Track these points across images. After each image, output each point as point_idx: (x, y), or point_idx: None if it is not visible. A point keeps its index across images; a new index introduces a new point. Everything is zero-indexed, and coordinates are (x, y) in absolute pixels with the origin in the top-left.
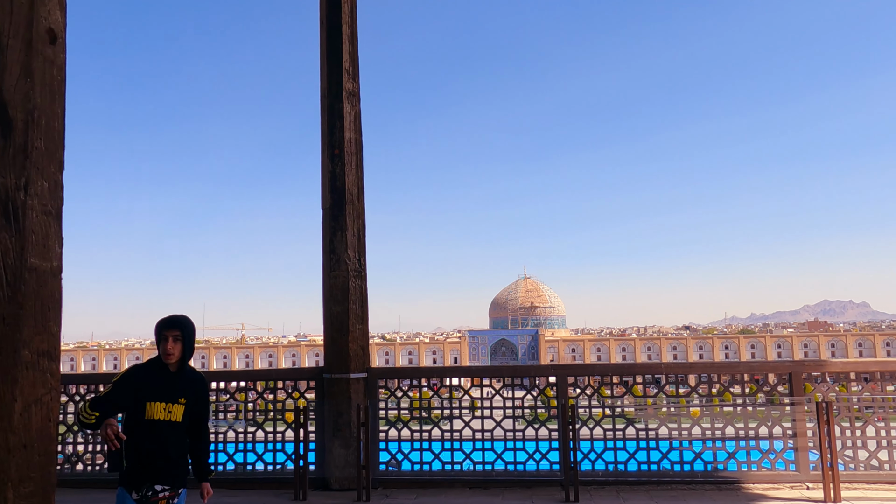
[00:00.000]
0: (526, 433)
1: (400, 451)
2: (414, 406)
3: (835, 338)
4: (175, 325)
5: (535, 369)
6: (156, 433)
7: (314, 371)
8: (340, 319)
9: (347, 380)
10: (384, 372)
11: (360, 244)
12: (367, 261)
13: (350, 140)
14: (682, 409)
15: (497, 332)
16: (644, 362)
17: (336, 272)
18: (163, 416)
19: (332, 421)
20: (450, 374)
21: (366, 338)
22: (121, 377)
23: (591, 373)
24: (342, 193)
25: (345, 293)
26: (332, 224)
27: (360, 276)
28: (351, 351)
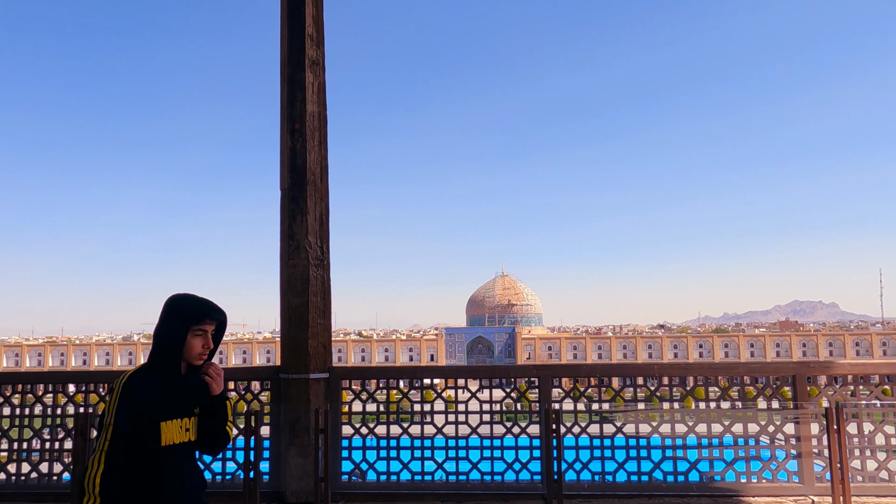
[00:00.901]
0: (505, 441)
1: (365, 460)
2: (381, 410)
3: (806, 337)
4: (220, 313)
5: (516, 370)
6: (173, 463)
7: (269, 370)
8: (299, 313)
9: (306, 380)
10: (348, 372)
11: (322, 230)
12: (330, 248)
13: (313, 114)
14: (676, 414)
15: (474, 329)
16: (636, 363)
17: (295, 260)
18: (180, 438)
19: (288, 426)
20: (421, 375)
21: (328, 334)
22: (120, 399)
23: (577, 374)
24: (303, 173)
25: (304, 284)
26: (292, 207)
27: (323, 266)
28: (311, 348)
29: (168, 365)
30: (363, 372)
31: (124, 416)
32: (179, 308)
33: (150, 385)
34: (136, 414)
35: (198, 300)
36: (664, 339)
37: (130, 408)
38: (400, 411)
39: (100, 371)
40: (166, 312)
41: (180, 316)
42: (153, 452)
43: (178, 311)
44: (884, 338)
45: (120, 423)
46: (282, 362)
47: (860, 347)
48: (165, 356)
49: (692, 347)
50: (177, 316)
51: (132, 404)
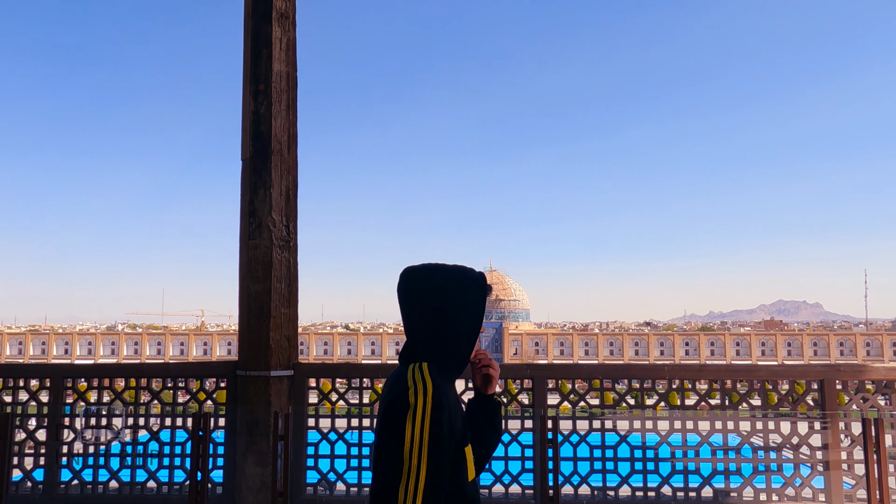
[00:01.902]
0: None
1: (333, 470)
2: (353, 413)
3: (791, 337)
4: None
5: (507, 370)
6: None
7: (225, 366)
8: (260, 301)
9: (266, 378)
10: (315, 369)
11: (289, 206)
12: (298, 228)
13: (280, 73)
14: (688, 422)
15: None
16: (643, 364)
17: (256, 241)
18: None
19: (245, 431)
20: None
21: (293, 326)
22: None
23: (577, 375)
24: (267, 141)
25: (267, 268)
26: (254, 179)
27: (289, 247)
28: (272, 342)
29: (462, 364)
30: (333, 369)
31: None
32: (477, 283)
33: (453, 396)
34: (451, 437)
35: (478, 272)
36: (651, 336)
37: (449, 426)
38: (374, 415)
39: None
40: (458, 289)
41: (479, 294)
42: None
43: (475, 287)
44: (867, 338)
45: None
46: (239, 357)
47: (844, 348)
48: (464, 352)
49: (678, 345)
50: (474, 294)
51: (447, 423)
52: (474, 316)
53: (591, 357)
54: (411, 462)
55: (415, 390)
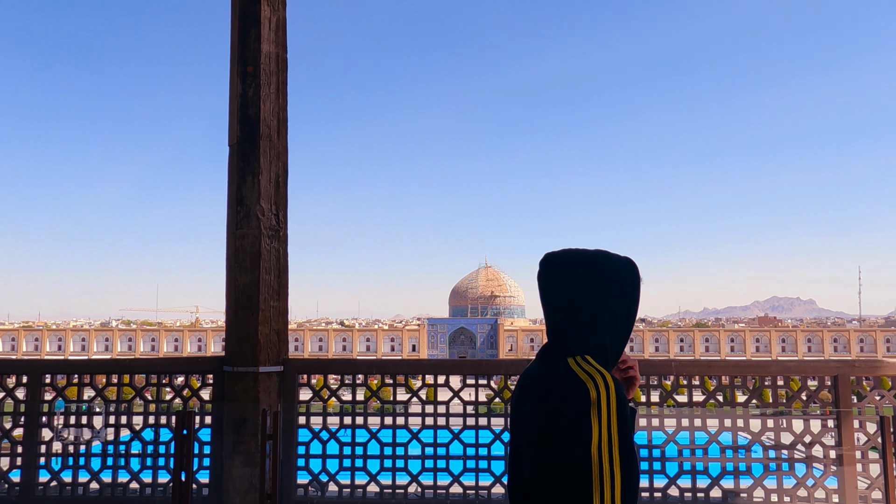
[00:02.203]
0: (493, 449)
1: (325, 470)
2: (345, 411)
3: (785, 333)
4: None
5: (507, 365)
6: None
7: (211, 362)
8: (248, 294)
9: (255, 375)
10: (306, 365)
11: (278, 194)
12: (288, 217)
13: (269, 54)
14: (696, 420)
15: (456, 320)
16: (647, 358)
17: (244, 230)
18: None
19: (232, 430)
20: (395, 370)
21: (283, 319)
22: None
23: None
24: (255, 125)
25: (255, 259)
26: (241, 166)
27: (278, 237)
28: (261, 336)
29: (616, 359)
30: (325, 365)
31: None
32: (632, 270)
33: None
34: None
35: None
36: (645, 332)
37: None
38: (368, 413)
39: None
40: (614, 276)
41: (634, 281)
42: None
43: (631, 274)
44: (861, 334)
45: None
46: (226, 352)
47: (838, 344)
48: (619, 346)
49: (673, 341)
50: (630, 281)
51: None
52: (630, 306)
53: None
54: (602, 465)
55: (594, 383)
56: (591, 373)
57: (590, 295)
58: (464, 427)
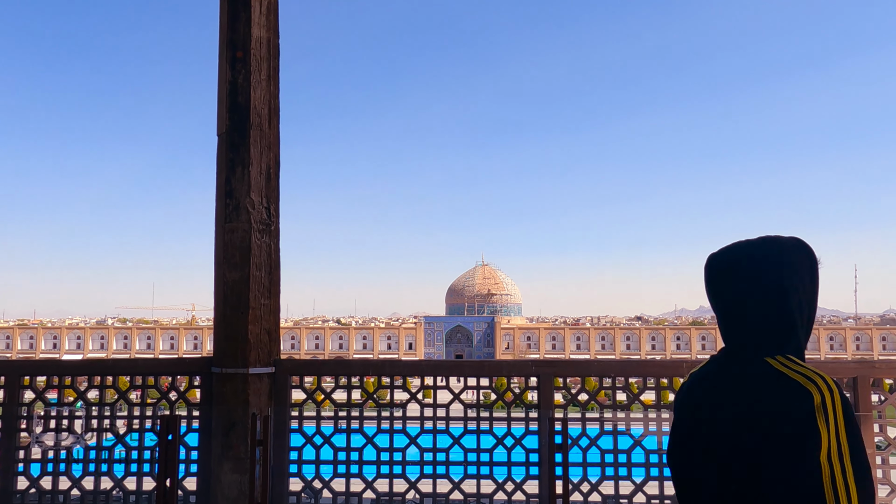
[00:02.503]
0: (495, 454)
1: (318, 477)
2: (340, 414)
3: None
4: None
5: (510, 366)
6: None
7: (199, 363)
8: (237, 291)
9: (244, 376)
10: (298, 366)
11: (269, 186)
12: (280, 210)
13: (260, 39)
14: None
15: (453, 318)
16: (659, 360)
17: (233, 224)
18: None
19: (221, 434)
20: (392, 371)
21: (274, 318)
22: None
23: (587, 372)
24: (245, 114)
25: (245, 254)
26: (230, 156)
27: (269, 232)
28: (251, 336)
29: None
30: (318, 366)
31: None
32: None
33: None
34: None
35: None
36: (642, 330)
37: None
38: (364, 416)
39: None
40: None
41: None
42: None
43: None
44: (857, 332)
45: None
46: (215, 353)
47: (834, 342)
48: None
49: (670, 340)
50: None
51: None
52: (814, 295)
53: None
54: (834, 476)
55: (816, 386)
56: (807, 374)
57: (780, 288)
58: (465, 431)
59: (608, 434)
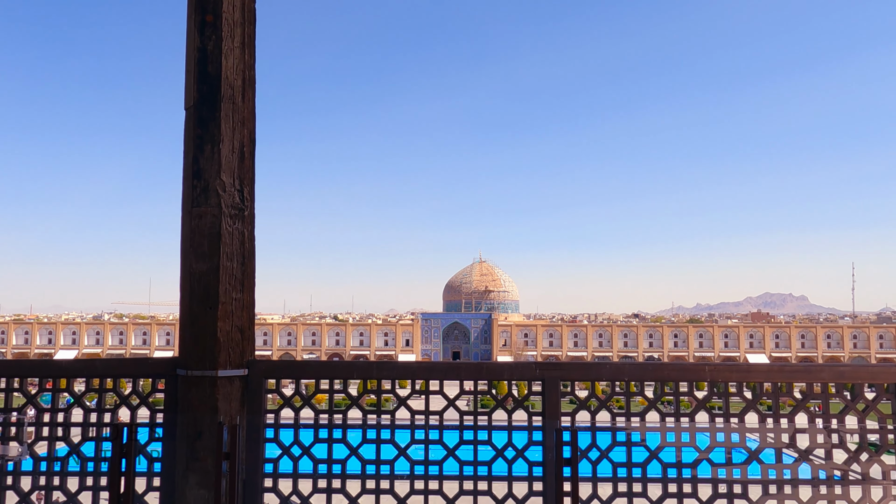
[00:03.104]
0: (494, 468)
1: (296, 492)
2: (322, 422)
3: (779, 329)
4: None
5: (512, 369)
6: None
7: (163, 364)
8: (205, 284)
9: (213, 379)
10: (275, 368)
11: (243, 166)
12: (256, 194)
13: (234, 2)
14: (733, 434)
15: (450, 315)
16: (679, 363)
17: (201, 208)
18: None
19: (186, 445)
20: (380, 374)
21: (248, 314)
22: None
23: (597, 376)
24: (216, 84)
25: (214, 242)
26: (199, 132)
27: (242, 217)
28: (221, 334)
29: None
30: (298, 368)
31: None
32: None
33: None
34: None
35: None
36: (640, 328)
37: None
38: (348, 425)
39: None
40: None
41: None
42: None
43: None
44: (854, 331)
45: None
46: (180, 353)
47: (831, 340)
48: None
49: (667, 337)
50: None
51: None
52: None
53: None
54: None
55: None
56: None
57: None
58: (460, 441)
59: (621, 445)
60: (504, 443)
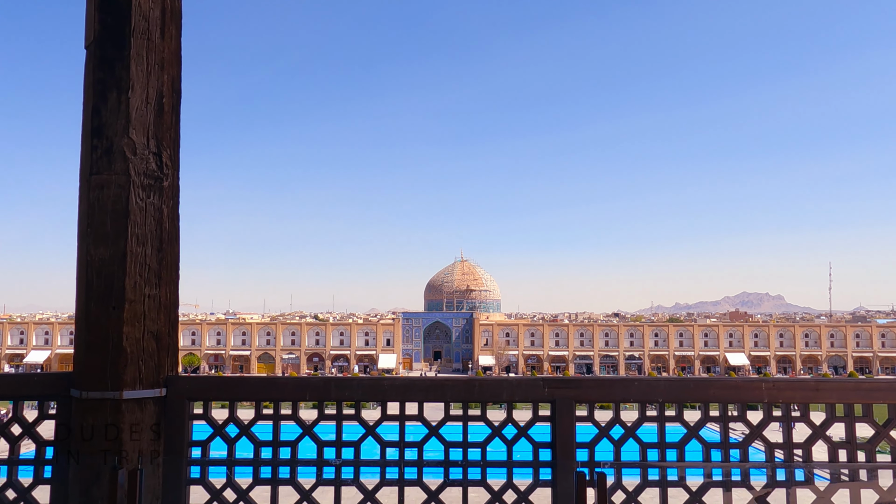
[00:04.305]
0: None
1: None
2: (264, 457)
3: (758, 328)
4: None
5: (512, 387)
6: None
7: (52, 382)
8: (107, 276)
9: (117, 403)
10: (204, 387)
11: (161, 123)
12: (181, 160)
13: None
14: (797, 471)
15: (431, 314)
16: (727, 378)
17: (103, 176)
18: None
19: (80, 490)
20: (340, 395)
21: (167, 316)
22: None
23: (624, 396)
24: (124, 14)
25: (120, 221)
26: (101, 76)
27: (160, 189)
28: (128, 342)
29: None
30: (233, 387)
31: None
32: None
33: None
34: None
35: None
36: (620, 327)
37: None
38: (298, 460)
39: None
40: None
41: None
42: None
43: None
44: (831, 330)
45: None
46: (74, 368)
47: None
48: None
49: (648, 336)
50: None
51: None
52: None
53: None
54: None
55: None
56: None
57: None
58: (444, 483)
59: (654, 485)
60: (503, 484)
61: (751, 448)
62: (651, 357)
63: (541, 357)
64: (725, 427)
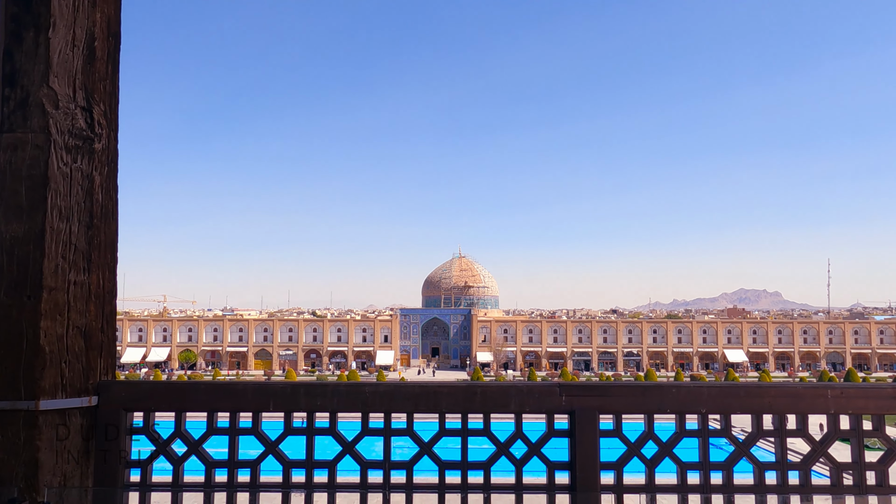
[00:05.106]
0: None
1: None
2: (218, 480)
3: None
4: None
5: (523, 395)
6: None
7: None
8: (20, 258)
9: (32, 415)
10: (144, 394)
11: (93, 71)
12: (119, 118)
13: None
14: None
15: (429, 310)
16: (784, 384)
17: (16, 134)
18: None
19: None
20: (310, 405)
21: (100, 308)
22: None
23: (658, 406)
24: None
25: (38, 189)
26: (14, 11)
27: (91, 152)
28: (46, 341)
29: None
30: (181, 394)
31: None
32: None
33: None
34: None
35: None
36: (619, 324)
37: None
38: (259, 485)
39: None
40: None
41: None
42: None
43: None
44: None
45: None
46: None
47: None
48: None
49: (646, 332)
50: None
51: None
52: None
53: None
54: None
55: None
56: None
57: None
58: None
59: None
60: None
61: (812, 471)
62: (650, 353)
63: (539, 353)
64: (783, 443)
